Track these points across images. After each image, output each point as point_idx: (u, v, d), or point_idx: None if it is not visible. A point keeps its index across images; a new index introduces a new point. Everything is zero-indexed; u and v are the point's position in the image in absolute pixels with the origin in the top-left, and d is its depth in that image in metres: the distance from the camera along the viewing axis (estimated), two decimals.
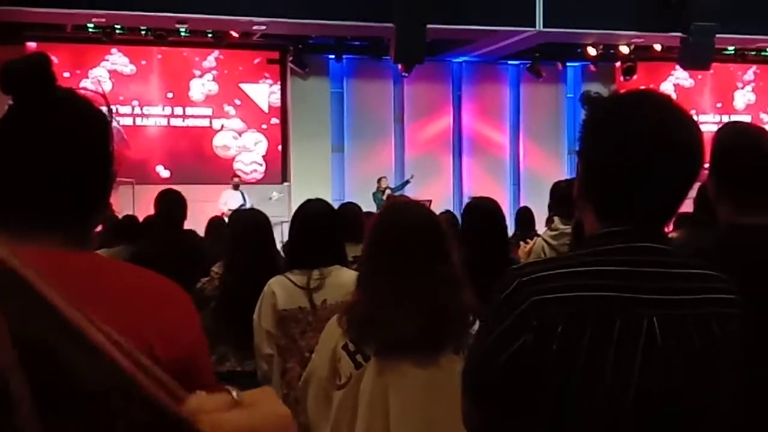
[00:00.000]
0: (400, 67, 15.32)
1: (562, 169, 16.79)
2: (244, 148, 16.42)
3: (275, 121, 16.61)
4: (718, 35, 14.49)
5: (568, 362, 1.57)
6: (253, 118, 16.50)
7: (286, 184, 16.09)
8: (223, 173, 15.45)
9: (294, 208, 4.15)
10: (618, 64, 17.21)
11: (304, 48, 15.96)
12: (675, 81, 18.12)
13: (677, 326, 1.60)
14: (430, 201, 13.62)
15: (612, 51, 16.49)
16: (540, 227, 8.57)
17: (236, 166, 16.17)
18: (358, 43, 16.15)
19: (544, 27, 14.06)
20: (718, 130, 2.79)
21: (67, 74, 14.52)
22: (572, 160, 16.17)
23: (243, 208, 4.85)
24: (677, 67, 16.56)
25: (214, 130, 16.29)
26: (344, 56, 16.47)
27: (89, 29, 14.34)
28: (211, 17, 13.50)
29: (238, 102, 16.39)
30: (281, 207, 13.69)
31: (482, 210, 4.33)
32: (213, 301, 4.17)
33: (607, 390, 1.57)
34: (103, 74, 15.53)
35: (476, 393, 1.73)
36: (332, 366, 2.54)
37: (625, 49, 16.33)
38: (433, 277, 2.48)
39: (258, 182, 16.13)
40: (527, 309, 1.59)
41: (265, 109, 16.57)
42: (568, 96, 17.52)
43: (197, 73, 16.20)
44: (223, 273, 4.26)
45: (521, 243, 5.82)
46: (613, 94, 1.81)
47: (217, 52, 16.15)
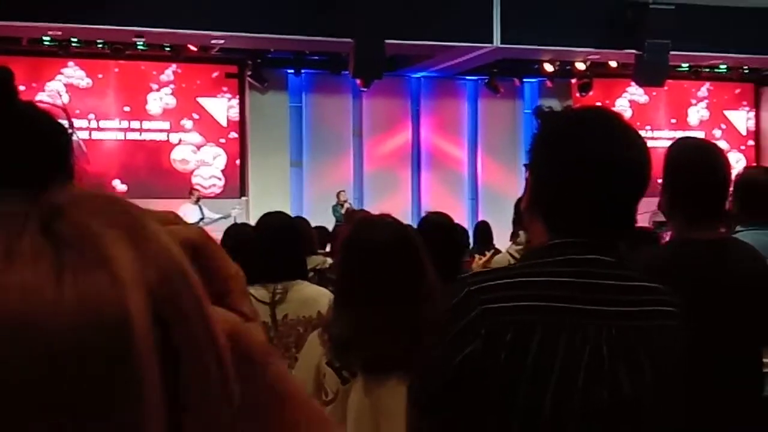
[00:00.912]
0: (358, 81, 15.34)
1: (519, 184, 16.87)
2: (203, 162, 16.32)
3: (234, 135, 16.54)
4: (672, 52, 14.71)
5: (515, 371, 1.59)
6: (212, 132, 16.41)
7: (244, 198, 16.02)
8: (181, 187, 15.34)
9: (253, 222, 4.12)
10: (574, 81, 17.40)
11: (262, 62, 15.91)
12: (630, 97, 18.35)
13: (623, 337, 1.63)
14: (389, 216, 13.66)
15: (568, 67, 16.68)
16: (498, 241, 8.63)
17: (195, 180, 16.05)
18: (317, 57, 16.14)
19: (501, 43, 14.18)
20: (671, 146, 2.84)
21: (23, 87, 14.16)
22: None
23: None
24: (632, 83, 16.79)
25: (172, 144, 16.17)
26: (303, 71, 16.44)
27: (45, 42, 14.20)
28: (168, 31, 13.41)
29: (196, 116, 16.29)
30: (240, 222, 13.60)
31: (436, 224, 4.33)
32: None
33: (552, 400, 1.59)
34: (60, 87, 15.36)
35: (424, 404, 1.73)
36: (317, 383, 2.51)
37: (581, 66, 16.52)
38: (412, 295, 2.46)
39: (217, 196, 16.03)
40: (476, 317, 1.61)
41: (224, 123, 16.50)
42: (525, 111, 17.66)
43: (155, 86, 16.08)
44: None
45: (476, 256, 5.88)
46: (565, 109, 1.83)
47: (174, 66, 16.05)
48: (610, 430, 1.61)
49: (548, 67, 16.52)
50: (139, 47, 14.62)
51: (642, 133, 1.83)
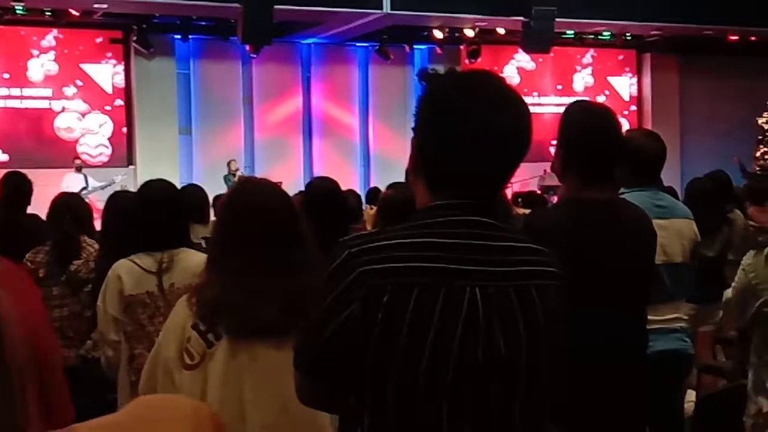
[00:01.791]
0: (248, 48, 15.15)
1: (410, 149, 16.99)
2: (88, 130, 15.90)
3: (119, 102, 16.15)
4: (558, 20, 14.99)
5: (392, 331, 1.61)
6: (96, 100, 15.98)
7: (131, 167, 15.68)
8: (66, 156, 14.92)
9: None
10: (463, 47, 17.55)
11: (148, 27, 15.53)
12: (518, 64, 18.64)
13: (500, 298, 1.66)
14: (281, 183, 13.53)
15: (457, 34, 16.83)
16: None
17: (80, 149, 15.64)
18: (204, 22, 15.85)
19: (391, 9, 14.20)
20: (567, 109, 2.92)
21: None
22: None
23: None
24: (520, 50, 17.05)
25: (55, 112, 15.70)
26: (190, 36, 16.14)
27: None
28: None
29: (79, 83, 15.84)
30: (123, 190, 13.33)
31: (321, 189, 4.32)
32: (89, 284, 4.04)
33: (428, 359, 1.62)
34: None
35: (306, 365, 1.76)
36: (180, 346, 2.45)
37: (470, 33, 16.69)
38: (288, 260, 2.44)
39: (104, 165, 15.67)
40: (355, 279, 1.63)
41: (109, 90, 16.08)
42: (416, 78, 17.73)
43: (35, 53, 15.55)
44: (98, 256, 4.16)
45: (367, 206, 5.94)
46: (449, 71, 1.85)
47: (56, 31, 15.54)
48: (485, 388, 1.65)
49: (438, 34, 16.62)
50: (18, 11, 14.10)
51: (529, 99, 1.87)
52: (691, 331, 3.87)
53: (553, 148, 2.93)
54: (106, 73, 16.08)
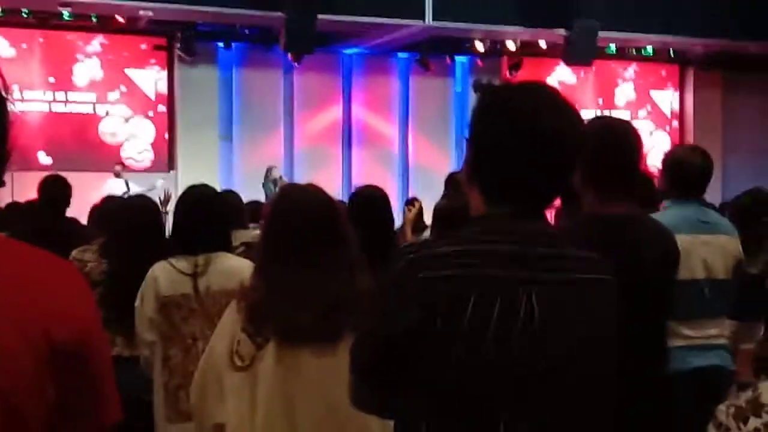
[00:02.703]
0: (290, 56, 15.24)
1: (449, 161, 17.00)
2: (132, 135, 16.07)
3: (162, 108, 16.31)
4: (600, 33, 14.92)
5: (450, 340, 1.63)
6: (140, 105, 16.15)
7: (173, 172, 15.82)
8: (109, 160, 15.03)
9: None
10: (504, 59, 17.52)
11: (192, 35, 15.68)
12: (559, 77, 18.55)
13: (556, 304, 1.67)
14: (315, 186, 13.59)
15: (499, 46, 16.79)
16: (428, 218, 8.68)
17: (124, 153, 15.80)
18: (248, 31, 15.97)
19: (432, 21, 14.22)
20: (587, 124, 2.90)
21: None
22: (459, 153, 16.39)
23: (133, 195, 4.77)
24: (561, 63, 16.99)
25: (99, 117, 15.88)
26: (233, 44, 16.26)
27: None
28: (95, 1, 13.17)
29: (123, 88, 16.01)
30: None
31: (367, 197, 4.35)
32: (99, 286, 4.10)
33: (486, 367, 1.62)
34: None
35: (363, 371, 1.77)
36: (230, 349, 2.50)
37: (511, 45, 16.65)
38: (330, 264, 2.48)
39: (146, 170, 15.81)
40: (414, 287, 1.65)
41: (152, 96, 16.25)
42: (457, 90, 17.74)
43: (81, 57, 15.75)
44: (109, 258, 4.21)
45: (406, 208, 5.96)
46: (503, 82, 1.87)
47: (101, 37, 15.73)
48: (544, 396, 1.65)
49: (479, 46, 16.60)
50: (65, 17, 14.31)
51: None
52: (732, 348, 3.83)
53: None
54: (150, 79, 16.25)
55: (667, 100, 19.72)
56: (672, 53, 18.44)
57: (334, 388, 2.39)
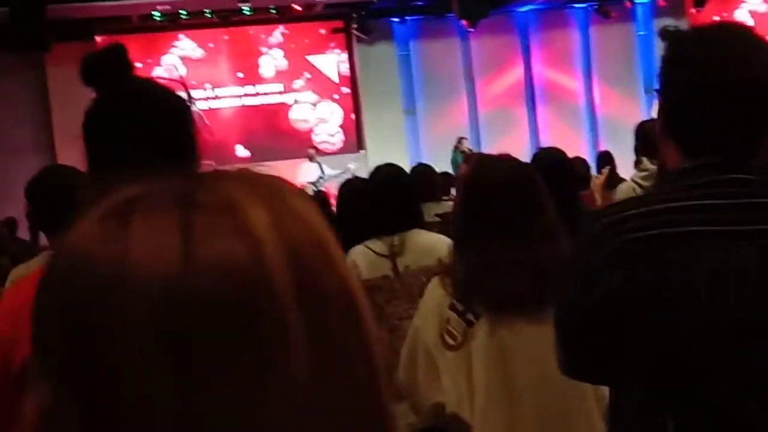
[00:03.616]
0: (464, 23, 15.16)
1: (639, 109, 16.45)
2: (321, 119, 16.50)
3: (346, 90, 16.64)
4: None
5: (659, 301, 1.57)
6: (325, 89, 16.54)
7: (362, 151, 16.12)
8: (302, 147, 15.45)
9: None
10: None
11: (367, 14, 15.91)
12: (749, 7, 17.53)
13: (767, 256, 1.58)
14: (508, 156, 13.50)
15: None
16: (621, 170, 8.46)
17: (317, 138, 16.25)
18: (420, 3, 16.03)
19: None
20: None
21: (139, 65, 14.70)
22: (650, 100, 15.82)
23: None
24: None
25: (287, 105, 16.39)
26: (407, 18, 16.37)
27: (155, 17, 14.55)
28: None
29: (308, 75, 16.44)
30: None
31: (549, 159, 4.26)
32: None
33: (700, 328, 1.56)
34: (175, 61, 15.74)
35: (569, 338, 1.75)
36: (440, 328, 2.50)
37: None
38: (533, 231, 2.45)
39: (338, 152, 16.19)
40: (615, 250, 1.60)
41: (335, 79, 16.60)
42: (640, 34, 17.12)
43: (264, 50, 16.28)
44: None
45: (593, 176, 5.77)
46: (692, 28, 1.79)
47: (282, 27, 16.20)
48: (759, 355, 1.58)
49: None
50: (245, 12, 14.82)
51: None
52: None
53: None
54: (332, 63, 16.59)
55: None
56: None
57: (550, 355, 2.37)
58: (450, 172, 9.93)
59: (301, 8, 15.26)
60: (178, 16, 14.58)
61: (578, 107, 17.40)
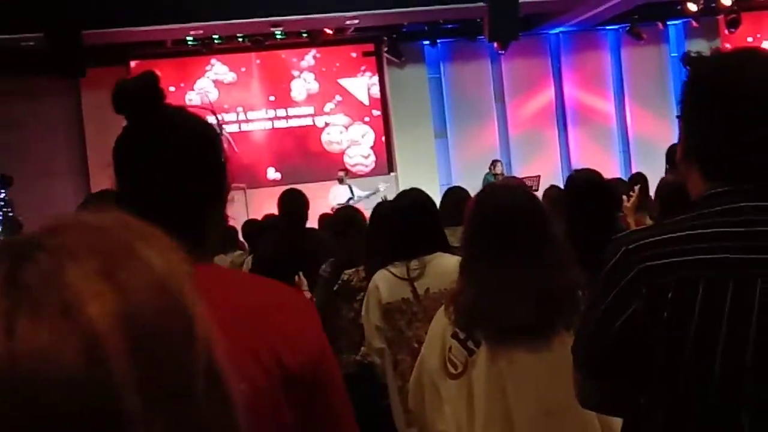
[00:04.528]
0: (495, 45, 15.17)
1: (672, 131, 16.27)
2: (354, 141, 16.56)
3: (376, 112, 16.70)
4: None
5: (680, 330, 1.56)
6: (356, 112, 16.61)
7: (393, 174, 16.14)
8: (332, 169, 15.50)
9: None
10: (721, 18, 16.62)
11: (398, 37, 15.99)
12: None
13: None
14: (539, 177, 13.48)
15: (713, 4, 15.92)
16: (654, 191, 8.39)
17: (349, 160, 16.30)
18: (451, 26, 16.08)
19: None
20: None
21: (172, 89, 14.89)
22: None
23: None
24: None
25: (319, 128, 16.48)
26: (439, 41, 16.42)
27: (188, 42, 14.73)
28: (304, 17, 13.66)
29: (339, 98, 16.53)
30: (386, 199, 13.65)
31: (583, 181, 4.25)
32: (361, 293, 4.23)
33: (722, 358, 1.54)
34: (207, 85, 15.89)
35: (589, 366, 1.73)
36: (442, 356, 2.51)
37: (726, 1, 15.77)
38: (538, 260, 2.44)
39: (369, 173, 16.23)
40: (635, 277, 1.59)
41: (366, 101, 16.67)
42: (672, 55, 17.03)
43: (296, 73, 16.40)
44: (366, 265, 4.30)
45: (624, 198, 5.72)
46: (714, 52, 1.77)
47: (314, 51, 16.32)
48: None
49: (692, 7, 15.82)
50: (277, 36, 14.95)
51: None
52: None
53: None
54: (362, 86, 16.67)
55: None
56: None
57: (551, 386, 2.35)
58: None
59: (333, 32, 15.37)
60: (211, 41, 14.74)
61: (610, 129, 17.31)
